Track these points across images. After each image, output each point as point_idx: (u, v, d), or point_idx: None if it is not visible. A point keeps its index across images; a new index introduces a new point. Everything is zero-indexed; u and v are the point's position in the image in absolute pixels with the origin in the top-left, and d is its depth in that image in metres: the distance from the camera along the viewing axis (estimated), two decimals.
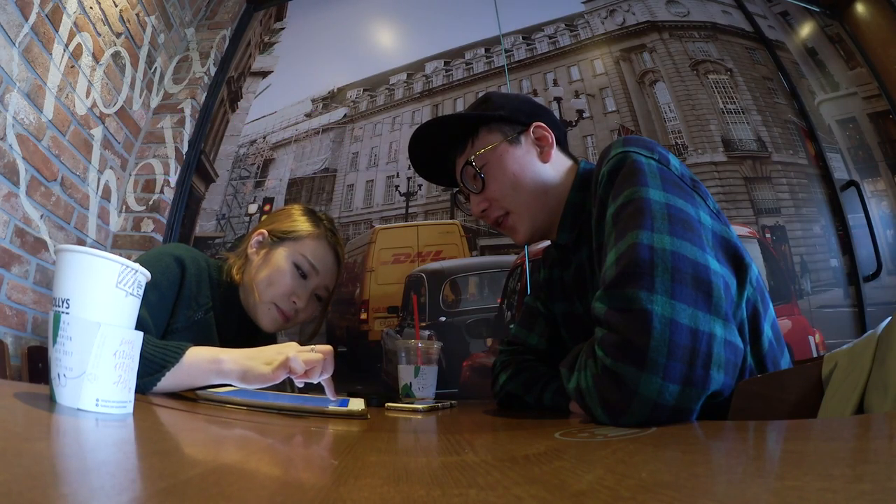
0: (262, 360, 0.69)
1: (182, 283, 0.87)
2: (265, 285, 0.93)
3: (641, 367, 0.45)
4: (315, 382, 0.72)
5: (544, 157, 0.78)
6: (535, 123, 0.79)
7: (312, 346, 0.72)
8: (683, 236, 0.51)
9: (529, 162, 0.78)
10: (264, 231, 0.99)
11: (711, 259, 0.51)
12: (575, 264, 0.78)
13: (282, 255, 0.94)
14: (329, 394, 0.74)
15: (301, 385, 0.74)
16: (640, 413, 0.45)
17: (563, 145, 0.83)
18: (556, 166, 0.79)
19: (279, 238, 0.97)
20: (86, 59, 1.43)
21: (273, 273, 0.93)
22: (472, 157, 0.78)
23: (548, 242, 0.87)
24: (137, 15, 1.66)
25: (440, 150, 0.86)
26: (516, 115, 0.80)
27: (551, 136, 0.79)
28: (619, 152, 0.61)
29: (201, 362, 0.67)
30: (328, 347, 0.73)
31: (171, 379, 0.64)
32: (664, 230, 0.51)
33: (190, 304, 0.87)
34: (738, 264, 0.57)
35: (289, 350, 0.70)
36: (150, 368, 0.63)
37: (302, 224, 0.99)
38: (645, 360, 0.45)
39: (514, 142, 0.78)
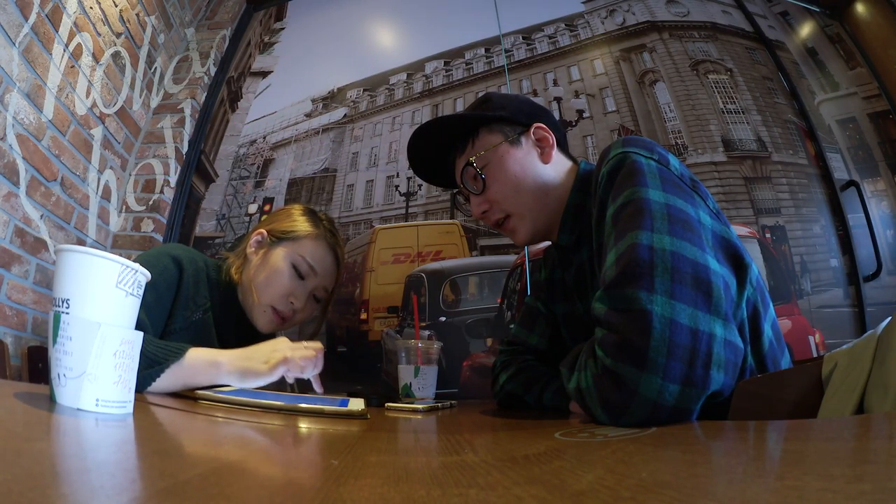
0: (258, 359, 0.70)
1: (180, 283, 0.87)
2: (263, 286, 0.93)
3: (641, 368, 0.45)
4: (306, 378, 0.75)
5: (545, 158, 0.78)
6: (535, 124, 0.79)
7: (304, 344, 0.75)
8: (683, 236, 0.51)
9: (530, 163, 0.77)
10: (263, 231, 0.99)
11: (711, 259, 0.51)
12: (576, 265, 0.78)
13: (280, 256, 0.94)
14: (316, 387, 0.76)
15: (292, 380, 0.77)
16: (640, 413, 0.45)
17: (563, 146, 0.83)
18: (557, 167, 0.79)
19: (278, 238, 0.97)
20: (86, 59, 1.43)
21: (271, 273, 0.93)
22: (473, 157, 0.78)
23: (548, 242, 0.87)
24: (137, 15, 1.66)
25: (439, 151, 0.86)
26: (517, 116, 0.80)
27: (552, 137, 0.79)
28: (618, 153, 0.61)
29: (200, 363, 0.67)
30: (318, 345, 0.76)
31: (170, 378, 0.65)
32: (664, 230, 0.51)
33: (188, 304, 0.87)
34: (738, 264, 0.57)
35: (283, 347, 0.72)
36: (150, 364, 0.63)
37: (301, 224, 0.98)
38: (645, 360, 0.45)
39: (514, 142, 0.78)
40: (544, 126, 0.80)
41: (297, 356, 0.72)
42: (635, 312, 0.47)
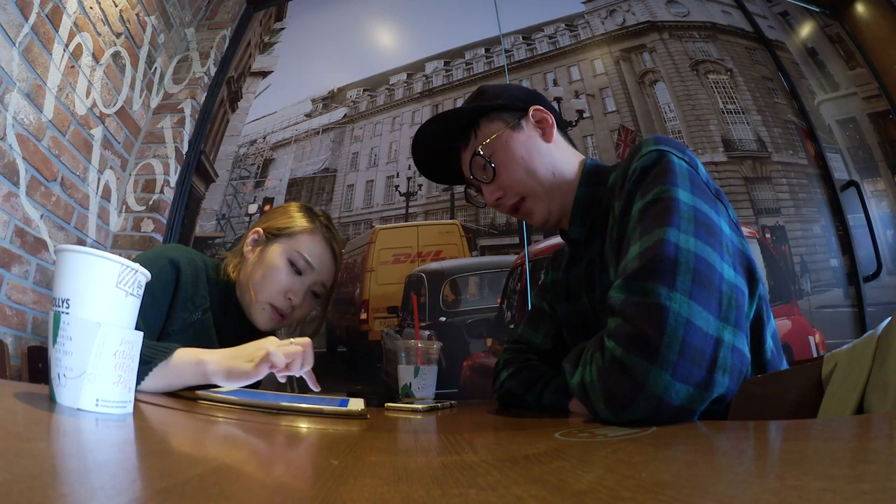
0: (243, 357, 0.70)
1: (177, 285, 0.86)
2: (260, 283, 0.93)
3: (652, 362, 0.45)
4: (297, 376, 0.73)
5: (547, 137, 0.80)
6: (533, 107, 0.80)
7: (291, 340, 0.73)
8: (707, 241, 0.51)
9: (535, 145, 0.79)
10: (259, 229, 0.99)
11: (728, 268, 0.52)
12: (587, 259, 0.79)
13: (276, 252, 0.94)
14: (312, 385, 0.74)
15: (283, 379, 0.75)
16: (644, 408, 0.45)
17: (562, 129, 0.84)
18: (561, 148, 0.81)
19: (274, 235, 0.97)
20: (86, 59, 1.43)
21: (267, 271, 0.93)
22: (479, 147, 0.78)
23: (552, 242, 0.87)
24: (137, 15, 1.66)
25: (442, 149, 0.86)
26: (514, 102, 0.81)
27: (551, 118, 0.81)
28: (653, 150, 0.61)
29: (187, 364, 0.67)
30: (307, 339, 0.74)
31: (158, 378, 0.65)
32: (690, 231, 0.52)
33: (186, 305, 0.87)
34: (751, 277, 0.58)
35: (268, 345, 0.71)
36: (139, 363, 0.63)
37: (297, 220, 0.98)
38: (657, 354, 0.45)
39: (516, 127, 0.79)
40: (541, 107, 0.81)
41: (282, 352, 0.70)
42: (653, 305, 0.47)
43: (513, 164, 0.77)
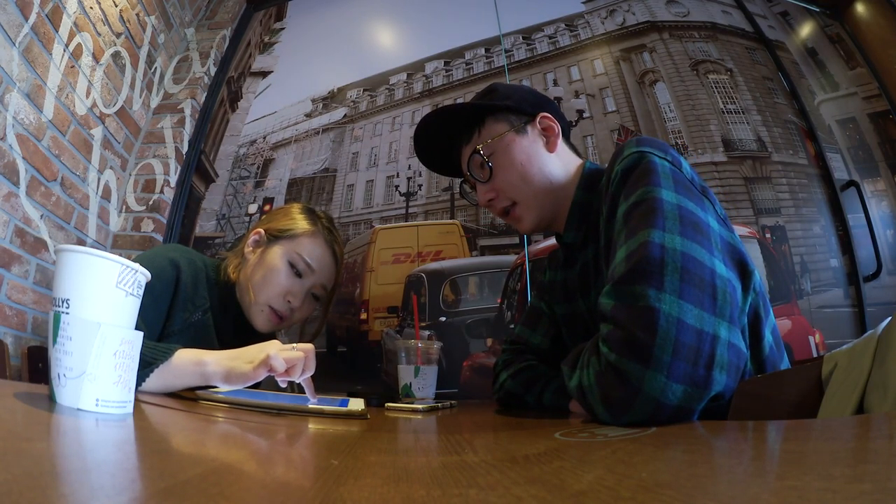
0: (244, 359, 0.69)
1: (177, 285, 0.86)
2: (260, 284, 0.92)
3: (646, 365, 0.45)
4: (297, 382, 0.72)
5: (550, 147, 0.79)
6: (541, 114, 0.80)
7: (294, 345, 0.72)
8: (694, 238, 0.51)
9: (536, 152, 0.78)
10: (261, 230, 0.99)
11: (719, 263, 0.51)
12: (581, 262, 0.79)
13: (277, 254, 0.94)
14: (309, 394, 0.72)
15: (284, 384, 0.74)
16: (642, 411, 0.45)
17: (567, 138, 0.84)
18: (563, 157, 0.80)
19: (275, 237, 0.97)
20: (86, 59, 1.43)
21: (268, 272, 0.93)
22: (480, 146, 0.78)
23: (551, 242, 0.87)
24: (137, 15, 1.66)
25: (445, 140, 0.86)
26: (522, 106, 0.80)
27: (557, 127, 0.80)
28: (633, 151, 0.61)
29: (187, 364, 0.67)
30: (309, 346, 0.72)
31: (158, 379, 0.65)
32: (675, 231, 0.51)
33: (186, 306, 0.87)
34: (744, 270, 0.57)
35: (270, 348, 0.70)
36: (140, 365, 0.63)
37: (298, 222, 0.98)
38: (650, 357, 0.45)
39: (520, 131, 0.79)
40: (549, 115, 0.80)
41: (283, 356, 0.68)
42: (642, 309, 0.47)
43: (510, 168, 0.77)
